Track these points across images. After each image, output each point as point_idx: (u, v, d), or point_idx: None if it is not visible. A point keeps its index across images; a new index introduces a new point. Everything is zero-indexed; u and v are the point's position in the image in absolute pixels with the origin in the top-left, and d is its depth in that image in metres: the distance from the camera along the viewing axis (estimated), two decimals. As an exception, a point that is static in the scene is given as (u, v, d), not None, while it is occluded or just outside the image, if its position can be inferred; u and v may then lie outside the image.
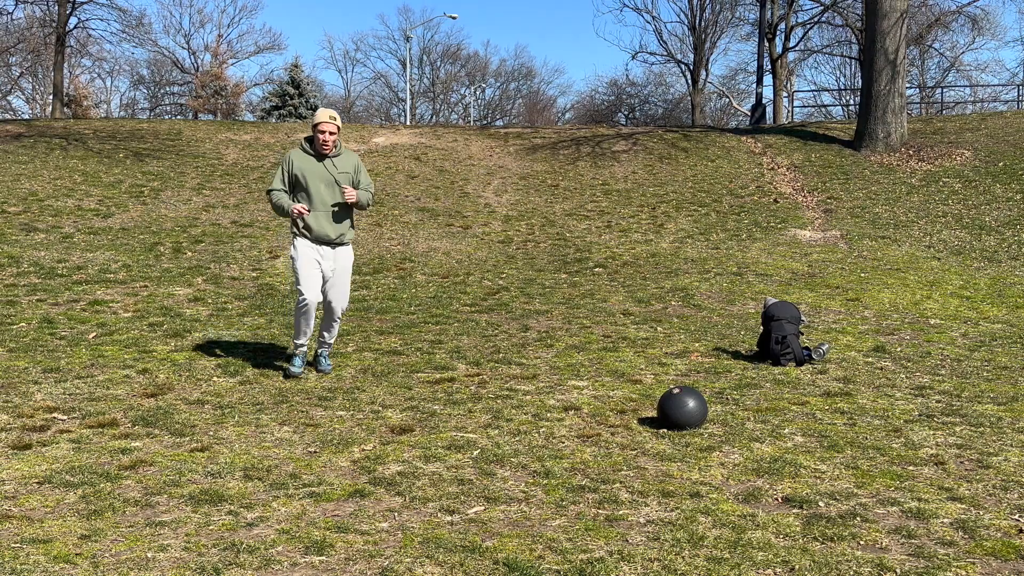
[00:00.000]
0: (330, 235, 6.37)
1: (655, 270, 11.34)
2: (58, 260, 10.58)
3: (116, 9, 42.31)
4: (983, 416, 5.61)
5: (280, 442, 4.99)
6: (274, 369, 6.72)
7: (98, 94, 51.31)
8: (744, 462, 4.69)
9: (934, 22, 33.51)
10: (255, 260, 11.22)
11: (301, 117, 38.27)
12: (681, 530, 3.76)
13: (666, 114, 49.45)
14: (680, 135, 20.94)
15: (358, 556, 3.51)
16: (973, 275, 11.42)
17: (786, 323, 7.12)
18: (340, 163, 6.41)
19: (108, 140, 18.39)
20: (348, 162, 6.46)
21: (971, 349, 7.76)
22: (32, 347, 7.22)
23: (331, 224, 6.38)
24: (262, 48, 66.10)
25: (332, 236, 6.38)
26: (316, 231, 6.34)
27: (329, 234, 6.37)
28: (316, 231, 6.34)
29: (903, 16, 17.75)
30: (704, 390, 6.23)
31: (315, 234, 6.35)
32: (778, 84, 31.82)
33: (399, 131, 21.23)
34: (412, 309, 9.12)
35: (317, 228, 6.33)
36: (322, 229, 6.34)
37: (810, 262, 11.90)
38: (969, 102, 37.35)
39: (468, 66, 59.58)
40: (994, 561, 3.49)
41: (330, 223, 6.38)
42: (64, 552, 3.49)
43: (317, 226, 6.33)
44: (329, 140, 6.27)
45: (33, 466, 4.50)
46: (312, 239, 6.36)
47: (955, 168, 16.92)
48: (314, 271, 6.35)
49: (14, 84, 44.78)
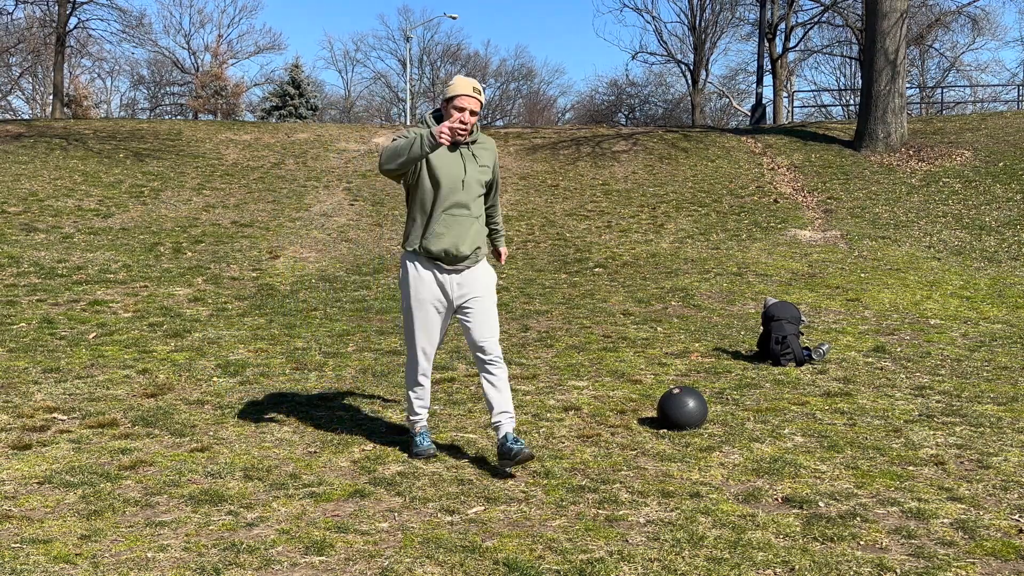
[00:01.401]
0: (463, 250, 4.47)
1: (655, 270, 11.34)
2: (58, 260, 10.58)
3: (116, 9, 42.39)
4: (983, 416, 5.61)
5: (280, 442, 4.99)
6: (274, 369, 6.72)
7: (98, 94, 51.34)
8: (744, 462, 4.69)
9: (934, 22, 33.52)
10: (255, 260, 11.22)
11: (301, 117, 38.28)
12: (681, 530, 3.76)
13: (666, 114, 49.44)
14: (680, 135, 20.93)
15: (358, 556, 3.51)
16: (973, 275, 11.42)
17: (786, 323, 7.12)
18: (480, 153, 4.57)
19: (108, 140, 18.39)
20: (488, 153, 4.61)
21: (971, 349, 7.76)
22: (32, 347, 7.21)
23: (466, 235, 4.48)
24: (262, 48, 66.17)
25: (465, 252, 4.48)
26: (440, 245, 4.45)
27: (462, 249, 4.47)
28: (440, 245, 4.45)
29: (903, 16, 17.75)
30: (704, 390, 6.23)
31: (437, 250, 4.45)
32: (778, 84, 31.82)
33: (399, 131, 21.22)
34: (412, 309, 9.12)
35: (445, 241, 4.45)
36: (453, 241, 4.45)
37: (810, 262, 11.90)
38: (969, 102, 37.35)
39: (468, 66, 59.59)
40: (994, 561, 3.49)
41: (464, 234, 4.47)
42: (64, 552, 3.49)
43: (446, 237, 4.45)
44: (469, 122, 4.38)
45: (33, 466, 4.50)
46: (433, 258, 4.50)
47: (955, 168, 16.92)
48: (436, 330, 4.62)
49: (14, 84, 44.78)
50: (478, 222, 4.56)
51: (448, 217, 4.46)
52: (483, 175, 4.56)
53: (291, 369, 6.73)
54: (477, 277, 4.57)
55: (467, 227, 4.49)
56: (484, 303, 4.54)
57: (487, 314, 4.54)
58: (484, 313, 4.53)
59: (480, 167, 4.54)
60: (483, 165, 4.56)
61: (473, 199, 4.51)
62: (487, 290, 4.58)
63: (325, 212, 14.06)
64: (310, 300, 9.47)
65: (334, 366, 6.83)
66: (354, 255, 11.79)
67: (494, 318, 4.57)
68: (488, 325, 4.52)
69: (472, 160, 4.51)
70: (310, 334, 7.94)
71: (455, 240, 4.45)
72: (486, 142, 4.63)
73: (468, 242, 4.49)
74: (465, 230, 4.48)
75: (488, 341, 4.51)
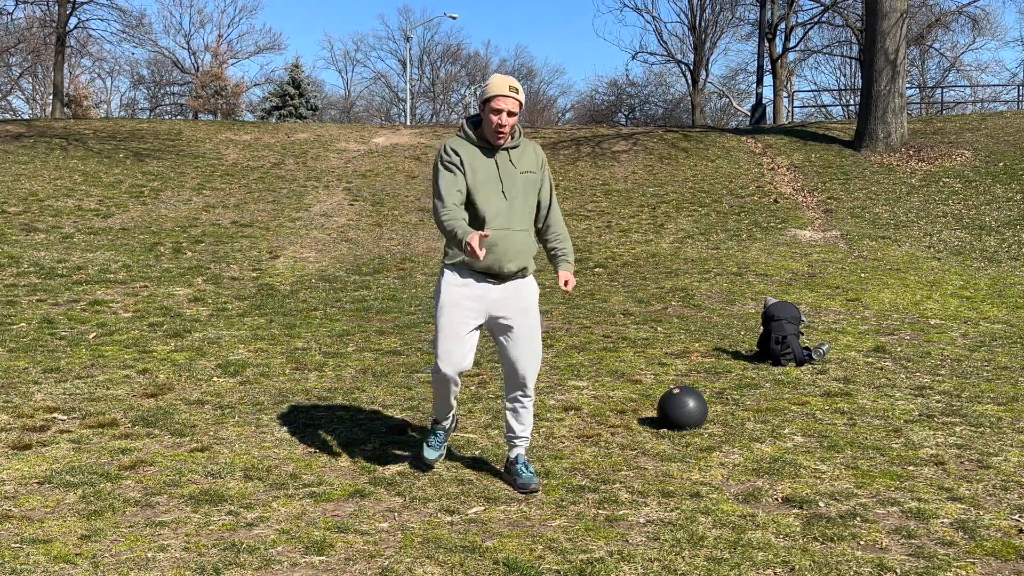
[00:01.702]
0: (506, 266, 4.09)
1: (655, 270, 11.34)
2: (58, 260, 10.58)
3: (116, 9, 42.44)
4: (983, 416, 5.61)
5: (280, 442, 4.99)
6: (274, 369, 6.72)
7: (98, 94, 51.34)
8: (744, 462, 4.69)
9: (934, 22, 33.52)
10: (255, 260, 11.22)
11: (301, 117, 38.28)
12: (681, 530, 3.76)
13: (666, 114, 49.45)
14: (680, 135, 20.93)
15: (358, 556, 3.51)
16: (973, 275, 11.42)
17: (786, 323, 7.12)
18: (521, 158, 4.16)
19: (108, 140, 18.39)
20: (531, 156, 4.20)
21: (971, 349, 7.76)
22: (32, 347, 7.22)
23: (510, 249, 4.08)
24: (262, 48, 66.23)
25: (511, 268, 4.11)
26: (482, 264, 4.09)
27: (505, 265, 4.09)
28: (482, 264, 4.09)
29: (903, 16, 17.75)
30: (704, 390, 6.23)
31: (483, 264, 4.09)
32: (778, 84, 31.82)
33: (399, 131, 21.22)
34: (412, 309, 9.12)
35: (488, 259, 4.07)
36: (496, 257, 4.06)
37: (810, 262, 11.90)
38: (969, 102, 37.36)
39: (468, 66, 59.61)
40: (994, 561, 3.49)
41: (508, 248, 4.07)
42: (64, 552, 3.49)
43: (488, 256, 4.05)
44: (507, 124, 4.02)
45: (33, 466, 4.50)
46: (475, 270, 4.14)
47: (955, 168, 16.92)
48: (463, 329, 4.11)
49: (14, 84, 44.79)
50: (525, 235, 4.13)
51: (498, 224, 4.07)
52: (528, 182, 4.13)
53: (291, 369, 6.73)
54: (521, 292, 4.16)
55: (511, 243, 4.07)
56: (526, 322, 4.14)
57: (528, 337, 4.13)
58: (525, 335, 4.13)
59: (523, 173, 4.12)
60: (526, 171, 4.14)
61: (518, 212, 4.09)
62: (530, 307, 4.17)
63: (325, 212, 14.06)
64: (310, 300, 9.47)
65: (334, 366, 6.82)
66: (354, 255, 11.79)
67: (536, 343, 4.17)
68: (528, 351, 4.14)
69: (511, 168, 4.10)
70: (310, 334, 7.94)
71: (498, 258, 4.06)
72: (528, 147, 4.20)
73: (514, 260, 4.09)
74: (509, 247, 4.07)
75: (525, 369, 4.14)
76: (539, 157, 4.22)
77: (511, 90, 4.01)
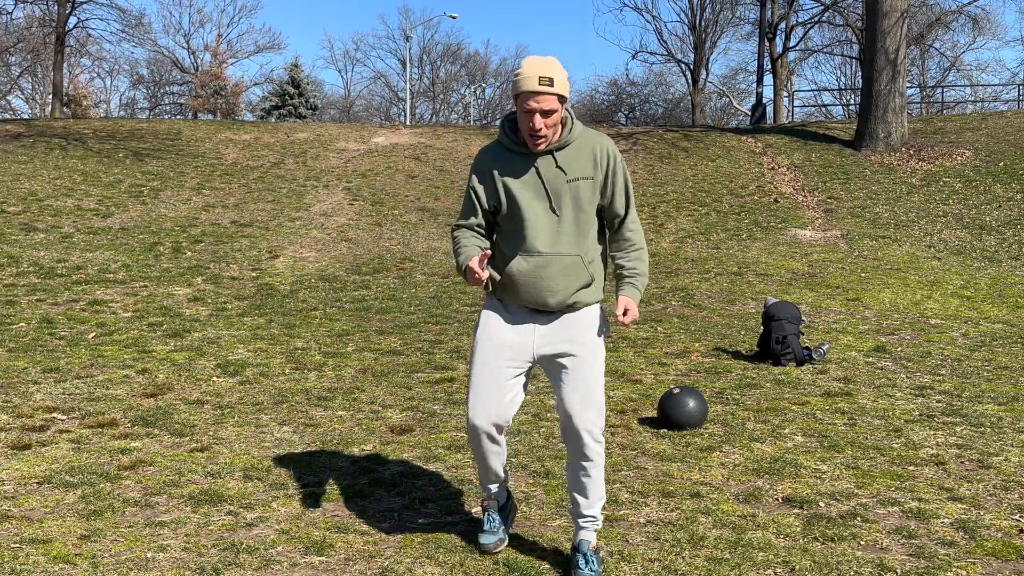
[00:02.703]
0: (548, 300, 3.28)
1: (655, 270, 11.34)
2: (58, 260, 10.58)
3: (116, 9, 42.45)
4: (983, 416, 5.61)
5: (280, 442, 4.98)
6: (274, 369, 6.71)
7: (98, 94, 51.35)
8: (744, 462, 4.69)
9: (934, 22, 33.52)
10: (255, 260, 11.21)
11: (301, 117, 38.28)
12: (681, 530, 3.75)
13: (666, 114, 49.45)
14: (680, 135, 20.93)
15: (358, 556, 3.51)
16: (973, 275, 11.42)
17: (786, 323, 7.11)
18: (573, 160, 3.28)
19: (108, 140, 18.39)
20: (586, 157, 3.28)
21: (971, 349, 7.75)
22: (32, 347, 7.21)
23: (552, 280, 3.26)
24: (262, 48, 66.18)
25: (558, 300, 3.29)
26: (526, 289, 3.29)
27: (546, 299, 3.28)
28: (526, 289, 3.29)
29: (903, 16, 17.75)
30: (704, 390, 6.23)
31: (523, 295, 3.30)
32: (778, 84, 31.81)
33: (399, 131, 21.22)
34: (412, 309, 9.12)
35: (529, 284, 3.27)
36: (535, 290, 3.28)
37: (810, 262, 11.90)
38: (969, 102, 37.37)
39: (468, 66, 59.59)
40: (994, 561, 3.49)
41: (550, 278, 3.26)
42: (64, 552, 3.49)
43: (529, 279, 3.27)
44: (540, 126, 3.16)
45: (33, 466, 4.50)
46: (516, 303, 3.35)
47: (955, 168, 16.92)
48: (500, 372, 3.31)
49: (14, 84, 44.79)
50: (576, 261, 3.27)
51: (525, 260, 3.27)
52: (582, 191, 3.25)
53: (291, 369, 6.72)
54: (575, 328, 3.31)
55: (554, 271, 3.25)
56: (576, 361, 3.28)
57: (582, 373, 3.27)
58: (578, 372, 3.27)
59: (571, 182, 3.24)
60: (576, 178, 3.24)
61: (568, 231, 3.26)
62: (584, 341, 3.30)
63: (325, 212, 14.06)
64: (310, 300, 9.47)
65: (334, 366, 6.82)
66: (354, 255, 11.78)
67: (593, 384, 3.27)
68: (577, 396, 3.25)
69: (558, 175, 3.24)
70: (310, 334, 7.94)
71: (538, 291, 3.27)
72: (585, 145, 3.27)
73: (558, 293, 3.27)
74: (551, 276, 3.25)
75: (574, 419, 3.25)
76: (601, 155, 3.28)
77: (543, 82, 3.11)
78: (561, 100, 3.15)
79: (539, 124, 3.14)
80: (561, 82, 3.14)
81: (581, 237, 3.29)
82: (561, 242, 3.26)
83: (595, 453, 3.28)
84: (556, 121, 3.18)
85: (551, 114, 3.15)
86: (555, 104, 3.14)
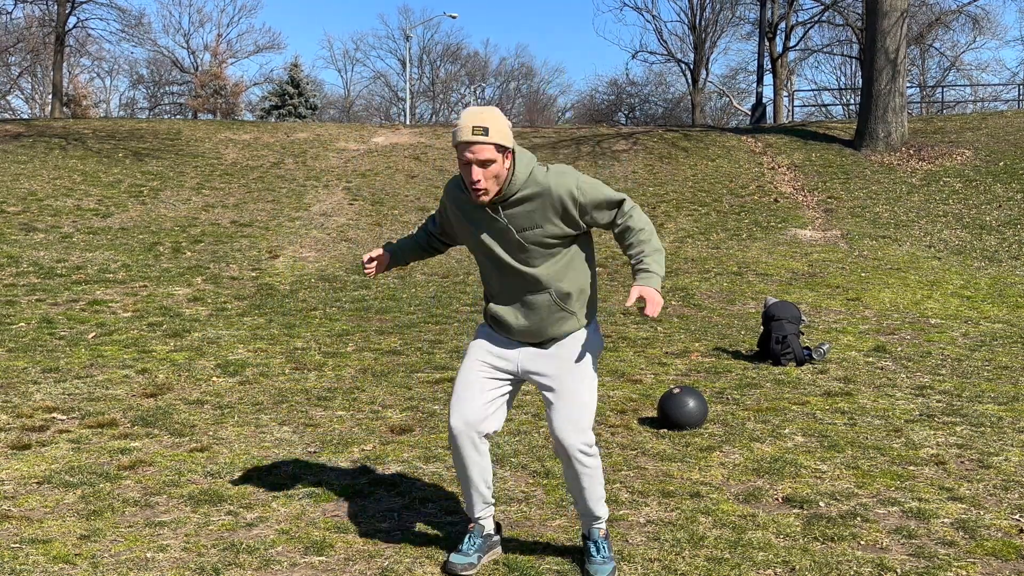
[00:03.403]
0: (528, 338, 3.31)
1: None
2: (57, 260, 10.58)
3: (116, 9, 42.48)
4: (984, 416, 5.61)
5: (280, 442, 4.98)
6: (274, 369, 6.71)
7: (97, 94, 51.35)
8: (744, 462, 4.69)
9: (934, 21, 33.53)
10: (255, 260, 11.21)
11: (300, 117, 38.28)
12: (681, 530, 3.75)
13: (666, 114, 49.46)
14: (680, 135, 20.93)
15: (358, 556, 3.50)
16: (974, 275, 11.42)
17: (786, 323, 7.11)
18: (516, 214, 3.16)
19: (107, 140, 18.39)
20: (536, 208, 3.15)
21: (971, 349, 7.75)
22: (32, 347, 7.21)
23: (530, 315, 3.26)
24: (262, 48, 66.22)
25: (537, 339, 3.30)
26: (507, 326, 3.32)
27: (527, 336, 3.31)
28: (507, 326, 3.32)
29: (903, 15, 17.75)
30: (704, 390, 6.23)
31: (506, 331, 3.34)
32: (778, 83, 31.81)
33: (399, 131, 21.22)
34: (412, 309, 9.12)
35: (509, 323, 3.31)
36: (516, 326, 3.30)
37: (810, 262, 11.89)
38: (969, 101, 37.37)
39: (468, 66, 59.59)
40: (995, 561, 3.49)
41: (522, 320, 3.28)
42: (64, 552, 3.49)
43: (506, 320, 3.31)
44: (477, 177, 3.08)
45: (33, 466, 4.50)
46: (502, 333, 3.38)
47: (955, 168, 16.92)
48: (483, 380, 3.32)
49: (13, 84, 44.80)
50: (546, 299, 3.23)
51: (498, 306, 3.32)
52: (538, 237, 3.16)
53: (291, 369, 6.72)
54: (561, 354, 3.28)
55: (526, 313, 3.27)
56: (567, 387, 3.24)
57: (567, 398, 3.24)
58: (564, 396, 3.24)
59: (522, 232, 3.15)
60: (528, 228, 3.15)
61: (529, 273, 3.20)
62: (573, 371, 3.26)
63: (325, 212, 14.06)
64: (310, 300, 9.47)
65: (334, 366, 6.82)
66: (354, 255, 11.78)
67: (579, 403, 3.24)
68: (565, 412, 3.22)
69: (504, 229, 3.16)
70: (310, 334, 7.94)
71: (516, 330, 3.31)
72: (537, 196, 3.13)
73: (534, 331, 3.28)
74: (525, 316, 3.27)
75: (566, 438, 3.22)
76: (567, 201, 3.12)
77: (476, 132, 3.02)
78: (501, 150, 3.07)
79: (476, 175, 3.05)
80: (498, 130, 3.06)
81: (550, 273, 3.22)
82: (527, 284, 3.22)
83: (586, 467, 3.27)
84: (497, 172, 3.08)
85: (489, 164, 3.06)
86: (492, 154, 3.05)
